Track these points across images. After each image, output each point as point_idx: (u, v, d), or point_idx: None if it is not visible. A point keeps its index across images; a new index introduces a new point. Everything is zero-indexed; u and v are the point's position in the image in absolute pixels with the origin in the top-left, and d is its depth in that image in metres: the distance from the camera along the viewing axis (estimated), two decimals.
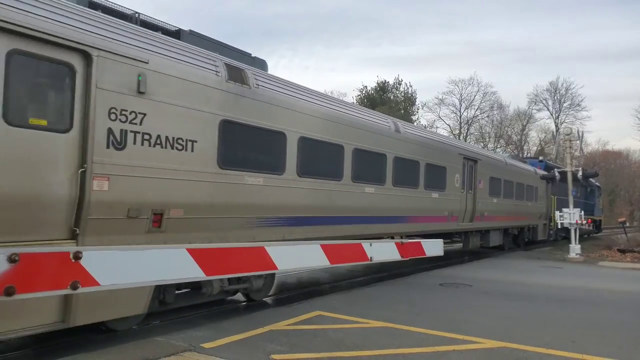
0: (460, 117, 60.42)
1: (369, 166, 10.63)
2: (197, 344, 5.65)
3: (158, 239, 6.28)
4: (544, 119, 64.81)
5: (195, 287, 7.32)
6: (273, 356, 5.34)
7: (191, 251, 3.66)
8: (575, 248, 18.18)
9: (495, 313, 8.06)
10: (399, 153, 11.62)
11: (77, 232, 5.45)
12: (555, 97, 62.30)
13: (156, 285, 6.22)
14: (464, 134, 59.13)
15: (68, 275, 3.05)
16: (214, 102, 7.06)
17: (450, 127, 59.77)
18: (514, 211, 19.65)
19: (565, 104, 62.05)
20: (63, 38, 5.27)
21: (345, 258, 5.51)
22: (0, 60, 4.82)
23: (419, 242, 6.87)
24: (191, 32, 7.86)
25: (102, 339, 6.21)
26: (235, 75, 7.52)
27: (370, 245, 5.74)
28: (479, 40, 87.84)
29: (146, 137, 6.10)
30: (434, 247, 7.13)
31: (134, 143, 5.97)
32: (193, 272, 3.67)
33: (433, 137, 14.70)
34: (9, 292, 2.78)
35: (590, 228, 29.58)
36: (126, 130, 5.88)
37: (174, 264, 3.58)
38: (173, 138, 6.45)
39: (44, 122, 5.26)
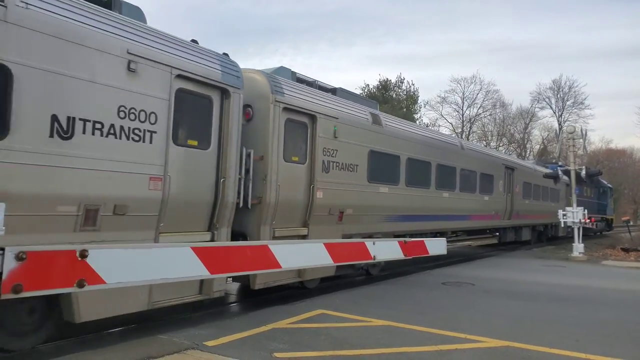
0: (462, 115, 60.36)
1: (446, 177, 14.14)
2: (200, 342, 5.68)
3: (340, 227, 9.90)
4: (546, 117, 64.68)
5: None
6: (276, 354, 5.36)
7: (196, 250, 3.68)
8: (578, 247, 18.15)
9: (498, 312, 8.06)
10: (463, 165, 15.19)
11: (308, 222, 9.05)
12: (559, 96, 62.18)
13: None
14: (467, 133, 59.03)
15: (75, 274, 3.07)
16: (366, 138, 10.71)
17: (452, 125, 59.75)
18: (540, 210, 22.98)
19: (568, 102, 61.92)
20: (307, 109, 9.03)
21: (348, 257, 5.54)
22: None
23: (422, 241, 6.88)
24: (341, 89, 11.28)
25: (107, 337, 6.24)
26: (375, 119, 11.27)
27: (374, 244, 5.76)
28: (482, 39, 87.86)
29: (337, 164, 9.75)
30: (437, 246, 7.14)
31: (332, 168, 9.60)
32: (197, 270, 3.69)
33: (485, 151, 19.35)
34: (16, 290, 2.81)
35: (594, 227, 29.78)
36: (329, 161, 9.51)
37: (179, 263, 3.60)
38: (349, 164, 10.08)
39: (296, 158, 8.90)
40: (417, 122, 44.53)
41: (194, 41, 7.35)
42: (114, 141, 5.76)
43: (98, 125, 5.59)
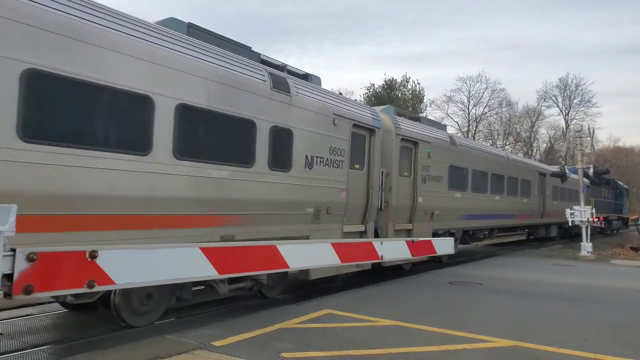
0: (468, 114, 60.12)
1: (496, 183, 17.50)
2: (207, 342, 5.69)
3: (431, 224, 12.94)
4: (553, 116, 64.50)
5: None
6: (283, 354, 5.36)
7: (205, 250, 3.69)
8: (586, 246, 18.03)
9: (506, 312, 8.03)
10: (509, 174, 18.63)
11: (412, 220, 12.20)
12: (565, 94, 61.79)
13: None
14: (472, 132, 58.80)
15: (84, 274, 3.09)
16: (447, 154, 13.93)
17: (458, 124, 59.54)
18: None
19: (575, 101, 61.53)
20: (414, 138, 12.37)
21: (356, 257, 5.54)
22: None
23: (430, 240, 6.88)
24: (425, 118, 15.45)
25: (116, 337, 6.28)
26: (452, 140, 14.67)
27: (381, 243, 5.76)
28: (489, 37, 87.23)
29: (431, 177, 12.96)
30: (444, 246, 7.13)
31: (427, 180, 12.79)
32: (206, 270, 3.70)
33: (524, 161, 23.09)
34: (27, 291, 2.83)
35: (603, 226, 30.19)
36: (425, 175, 12.69)
37: (188, 263, 3.61)
38: (437, 176, 13.32)
39: (406, 174, 12.15)
40: None
41: (340, 93, 11.58)
42: (328, 169, 9.25)
43: (322, 159, 9.09)
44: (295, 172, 8.39)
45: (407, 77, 48.70)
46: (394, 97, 46.32)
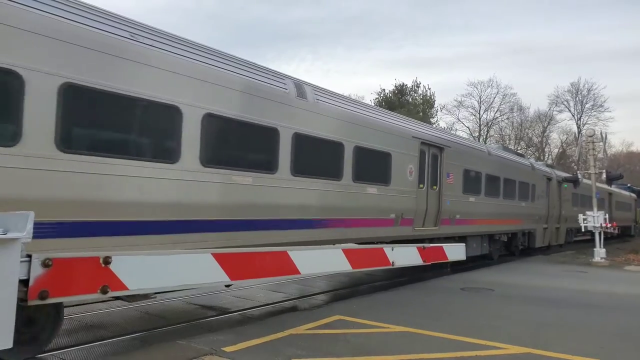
0: (479, 119, 59.82)
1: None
2: (218, 347, 5.69)
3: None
4: (565, 121, 63.74)
5: None
6: None
7: (216, 256, 3.71)
8: (600, 252, 17.80)
9: (519, 318, 7.94)
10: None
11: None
12: (577, 98, 61.23)
13: None
14: (484, 137, 58.46)
15: (98, 280, 3.12)
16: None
17: (469, 129, 59.23)
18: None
19: (587, 105, 60.93)
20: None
21: (367, 263, 5.52)
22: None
23: (441, 246, 6.84)
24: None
25: (127, 341, 6.31)
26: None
27: (392, 249, 5.74)
28: (501, 41, 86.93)
29: (450, 182, 13.40)
30: (456, 252, 7.08)
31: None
32: (218, 276, 3.72)
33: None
34: (42, 297, 2.86)
35: (616, 231, 30.12)
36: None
37: (199, 269, 3.63)
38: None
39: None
40: (435, 126, 44.37)
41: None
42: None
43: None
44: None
45: (418, 82, 48.76)
46: (405, 102, 46.26)
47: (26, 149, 4.76)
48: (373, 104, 43.87)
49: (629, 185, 42.02)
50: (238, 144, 7.35)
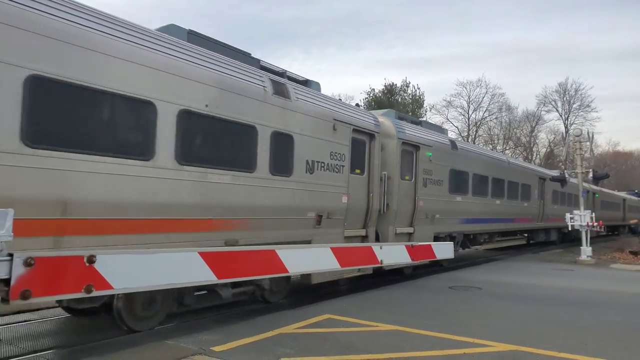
0: (468, 119, 60.18)
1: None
2: (207, 347, 5.66)
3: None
4: (553, 121, 64.40)
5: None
6: (283, 359, 5.34)
7: (203, 255, 3.68)
8: (586, 250, 17.99)
9: (506, 316, 8.00)
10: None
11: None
12: (565, 99, 61.92)
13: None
14: (472, 137, 58.82)
15: (82, 279, 3.07)
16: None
17: (458, 129, 59.56)
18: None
19: (574, 105, 61.65)
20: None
21: (355, 261, 5.52)
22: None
23: (430, 245, 6.87)
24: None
25: (115, 342, 6.25)
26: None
27: (381, 248, 5.75)
28: (491, 42, 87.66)
29: (431, 180, 12.96)
30: (444, 250, 7.11)
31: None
32: (205, 275, 3.69)
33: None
34: (25, 296, 2.81)
35: (602, 230, 30.51)
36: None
37: (186, 268, 3.60)
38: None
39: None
40: None
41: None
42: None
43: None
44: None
45: (407, 82, 48.95)
46: (394, 101, 46.41)
47: None
48: (363, 104, 43.88)
49: (636, 191, 51.70)
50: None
